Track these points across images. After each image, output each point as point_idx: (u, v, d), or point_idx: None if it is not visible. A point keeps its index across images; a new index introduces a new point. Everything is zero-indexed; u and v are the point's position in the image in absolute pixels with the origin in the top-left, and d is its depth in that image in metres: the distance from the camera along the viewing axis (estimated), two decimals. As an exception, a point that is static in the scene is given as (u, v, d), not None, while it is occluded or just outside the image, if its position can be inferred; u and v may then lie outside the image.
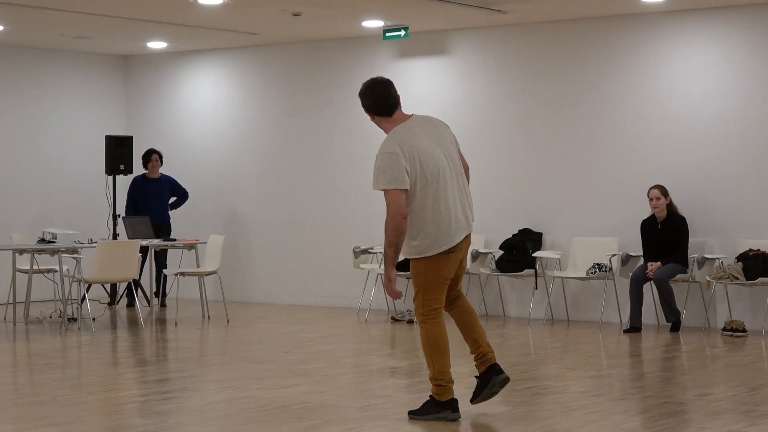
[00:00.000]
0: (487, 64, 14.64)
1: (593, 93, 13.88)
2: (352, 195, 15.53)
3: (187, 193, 15.65)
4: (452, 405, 7.75)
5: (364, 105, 7.96)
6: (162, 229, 15.13)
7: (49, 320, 13.57)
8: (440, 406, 7.73)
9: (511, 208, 14.36)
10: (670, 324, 12.68)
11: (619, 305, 13.30)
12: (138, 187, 15.41)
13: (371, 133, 15.43)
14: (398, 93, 7.92)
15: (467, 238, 7.78)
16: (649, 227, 12.89)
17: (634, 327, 12.62)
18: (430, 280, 7.70)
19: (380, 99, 7.90)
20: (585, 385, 9.36)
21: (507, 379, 7.93)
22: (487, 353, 8.12)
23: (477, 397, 7.93)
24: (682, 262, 12.70)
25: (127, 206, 15.33)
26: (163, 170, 15.54)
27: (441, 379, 7.81)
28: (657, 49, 13.49)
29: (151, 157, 15.47)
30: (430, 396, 7.80)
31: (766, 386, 9.25)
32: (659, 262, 12.62)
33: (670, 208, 12.83)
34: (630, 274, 12.92)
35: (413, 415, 7.77)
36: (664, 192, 12.79)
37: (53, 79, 16.84)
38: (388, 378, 9.85)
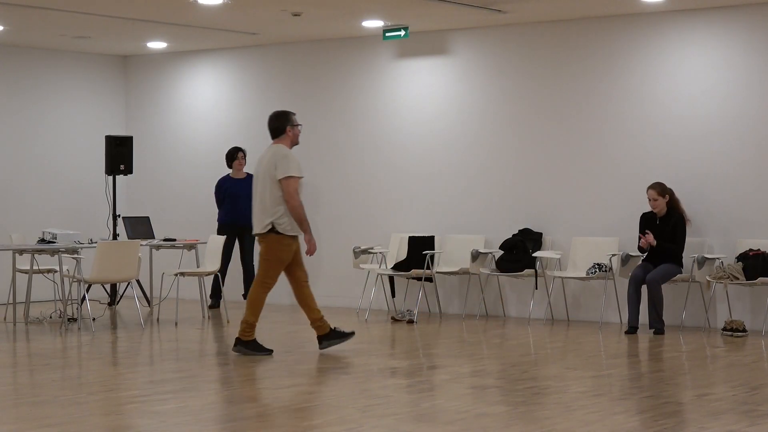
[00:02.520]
0: (487, 64, 14.64)
1: (593, 93, 13.88)
2: (352, 195, 15.54)
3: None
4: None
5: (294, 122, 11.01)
6: (247, 231, 15.07)
7: (49, 320, 13.58)
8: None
9: (511, 208, 14.36)
10: (653, 330, 12.56)
11: (619, 305, 13.30)
12: (222, 188, 15.43)
13: (372, 133, 15.48)
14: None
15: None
16: (648, 221, 12.87)
17: (633, 327, 12.61)
18: None
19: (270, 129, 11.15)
20: (585, 385, 9.36)
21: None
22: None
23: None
24: (676, 263, 12.68)
25: (218, 209, 15.47)
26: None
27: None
28: (657, 49, 13.49)
29: (236, 155, 15.43)
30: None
31: (766, 386, 9.26)
32: (651, 235, 12.56)
33: (672, 204, 12.79)
34: (629, 275, 12.92)
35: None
36: (661, 191, 12.76)
37: (53, 79, 16.85)
38: (388, 378, 9.85)
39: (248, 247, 15.18)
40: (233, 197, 15.19)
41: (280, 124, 10.92)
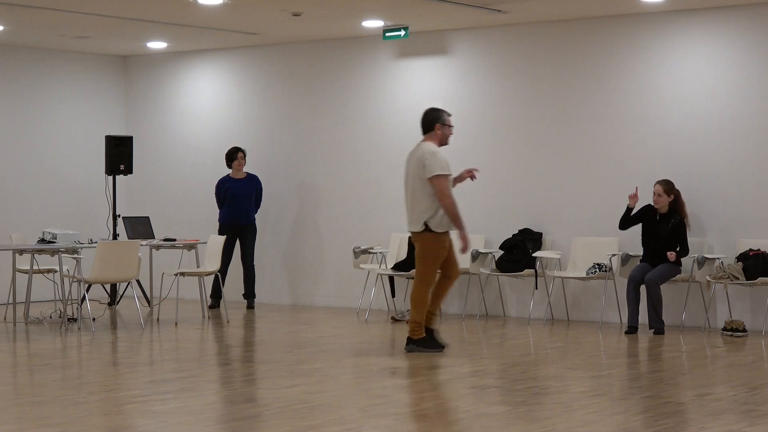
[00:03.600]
0: (487, 64, 14.64)
1: (593, 93, 13.89)
2: (352, 195, 15.54)
3: (261, 197, 15.56)
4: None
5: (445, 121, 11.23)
6: (248, 230, 15.13)
7: (49, 320, 13.58)
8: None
9: (511, 208, 14.36)
10: (653, 330, 12.55)
11: (619, 305, 13.29)
12: (222, 189, 15.37)
13: (372, 133, 15.48)
14: None
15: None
16: (648, 213, 12.86)
17: (632, 327, 12.62)
18: None
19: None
20: (585, 385, 9.36)
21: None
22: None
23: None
24: (675, 262, 12.68)
25: (219, 209, 15.40)
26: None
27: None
28: (657, 48, 13.49)
29: (236, 155, 15.38)
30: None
31: (766, 386, 9.26)
32: (674, 253, 12.54)
33: (676, 206, 12.79)
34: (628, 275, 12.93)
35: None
36: (667, 189, 12.75)
37: (53, 79, 16.85)
38: (389, 378, 9.86)
39: (249, 246, 15.20)
40: (233, 197, 15.20)
41: (430, 121, 11.10)
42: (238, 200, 15.12)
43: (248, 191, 15.32)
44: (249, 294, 15.22)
